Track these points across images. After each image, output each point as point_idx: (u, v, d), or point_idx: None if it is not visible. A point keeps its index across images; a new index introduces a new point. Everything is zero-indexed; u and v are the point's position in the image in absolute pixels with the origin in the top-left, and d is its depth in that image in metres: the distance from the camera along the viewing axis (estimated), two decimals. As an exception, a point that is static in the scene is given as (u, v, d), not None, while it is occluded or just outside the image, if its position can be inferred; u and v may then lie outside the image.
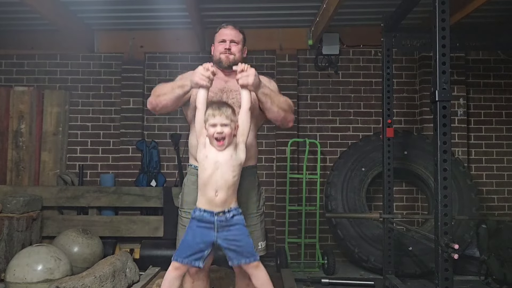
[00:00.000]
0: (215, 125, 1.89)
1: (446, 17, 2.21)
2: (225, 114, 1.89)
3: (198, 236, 1.89)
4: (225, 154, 1.91)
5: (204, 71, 1.96)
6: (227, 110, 1.91)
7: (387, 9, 3.63)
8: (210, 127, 1.90)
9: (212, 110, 1.91)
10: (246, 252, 1.89)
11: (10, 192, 3.93)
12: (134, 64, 4.46)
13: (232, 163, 1.91)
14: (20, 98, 4.35)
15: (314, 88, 4.50)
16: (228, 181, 1.90)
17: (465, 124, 4.32)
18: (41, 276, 2.93)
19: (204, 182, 1.91)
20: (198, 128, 1.98)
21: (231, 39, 2.19)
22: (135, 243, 3.99)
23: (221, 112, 1.89)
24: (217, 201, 1.88)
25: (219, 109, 1.90)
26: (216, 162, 1.90)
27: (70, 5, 3.86)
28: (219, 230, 1.88)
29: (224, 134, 1.89)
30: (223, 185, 1.89)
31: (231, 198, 1.93)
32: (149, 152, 4.34)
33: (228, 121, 1.89)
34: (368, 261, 3.82)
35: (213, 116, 1.89)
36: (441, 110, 2.21)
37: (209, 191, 1.89)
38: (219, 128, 1.88)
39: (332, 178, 4.05)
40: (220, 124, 1.89)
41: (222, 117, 1.89)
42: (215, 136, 1.89)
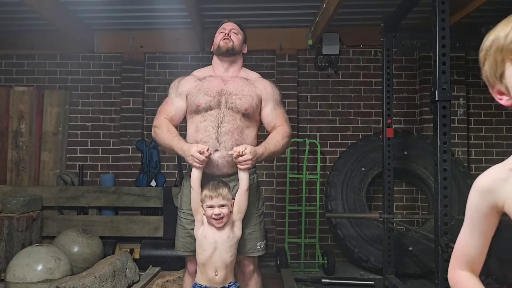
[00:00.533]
0: (213, 207, 1.92)
1: (446, 17, 2.22)
2: (221, 195, 1.93)
3: None
4: (223, 234, 1.96)
5: (199, 155, 1.93)
6: (224, 190, 1.95)
7: (387, 9, 3.63)
8: (207, 208, 1.94)
9: (209, 191, 1.94)
10: None
11: (10, 192, 3.93)
12: (134, 64, 4.46)
13: (229, 243, 1.97)
14: (20, 98, 4.35)
15: (314, 88, 4.50)
16: (226, 261, 1.96)
17: (465, 124, 4.32)
18: (41, 276, 2.93)
19: (203, 263, 1.98)
20: (194, 206, 2.00)
21: (231, 28, 2.23)
22: (135, 243, 3.99)
23: (217, 193, 1.93)
24: (217, 280, 1.96)
25: (216, 190, 1.94)
26: (214, 243, 1.95)
27: (70, 5, 3.85)
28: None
29: (222, 215, 1.93)
30: (222, 265, 1.96)
31: (230, 275, 2.00)
32: (149, 152, 4.34)
33: (225, 201, 1.94)
34: (368, 261, 3.82)
35: (210, 199, 1.93)
36: (441, 110, 2.21)
37: (209, 271, 1.96)
38: (217, 210, 1.92)
39: (332, 178, 4.05)
40: (217, 206, 1.92)
41: (219, 199, 1.92)
42: (214, 217, 1.93)
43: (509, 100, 0.82)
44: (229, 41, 2.18)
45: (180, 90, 2.19)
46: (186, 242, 2.12)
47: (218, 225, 1.94)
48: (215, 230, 1.96)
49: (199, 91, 2.12)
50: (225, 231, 1.97)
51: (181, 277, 2.74)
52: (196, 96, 2.11)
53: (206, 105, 2.08)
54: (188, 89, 2.16)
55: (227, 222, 1.96)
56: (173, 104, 2.20)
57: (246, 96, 2.11)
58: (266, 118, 2.19)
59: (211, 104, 2.08)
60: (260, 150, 2.01)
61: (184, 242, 2.13)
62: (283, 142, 2.11)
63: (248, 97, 2.11)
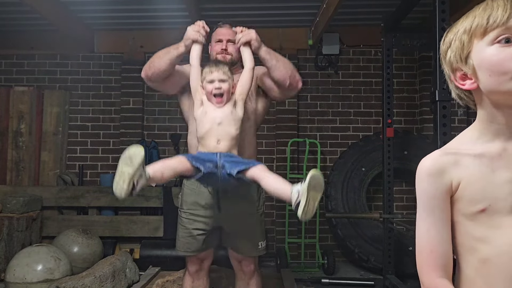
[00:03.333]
0: (213, 81, 1.87)
1: (446, 17, 2.21)
2: (222, 70, 1.88)
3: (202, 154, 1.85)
4: (225, 110, 1.89)
5: (197, 26, 1.98)
6: (224, 67, 1.91)
7: (387, 9, 3.63)
8: (208, 84, 1.88)
9: (209, 67, 1.90)
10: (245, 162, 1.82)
11: (10, 192, 3.93)
12: (134, 64, 4.45)
13: (232, 117, 1.89)
14: (20, 98, 4.35)
15: (314, 88, 4.50)
16: (231, 133, 1.87)
17: (465, 124, 4.32)
18: (41, 276, 2.93)
19: (202, 135, 1.88)
20: (194, 85, 1.96)
21: (228, 39, 2.16)
22: (135, 243, 3.98)
23: (218, 68, 1.89)
24: (220, 148, 1.85)
25: (216, 65, 1.90)
26: (216, 117, 1.87)
27: (70, 5, 3.85)
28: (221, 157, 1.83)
29: (222, 90, 1.87)
30: (225, 136, 1.86)
31: (234, 149, 1.88)
32: (149, 152, 4.33)
33: (226, 77, 1.88)
34: (368, 261, 3.81)
35: (211, 73, 1.88)
36: (441, 110, 2.21)
37: (210, 141, 1.86)
38: (217, 83, 1.86)
39: (332, 178, 4.04)
40: (218, 80, 1.87)
41: (219, 73, 1.87)
42: (214, 93, 1.87)
43: (473, 83, 0.85)
44: (227, 55, 2.14)
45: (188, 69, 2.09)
46: (187, 242, 2.11)
47: (218, 104, 1.88)
48: (216, 108, 1.89)
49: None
50: (227, 108, 1.89)
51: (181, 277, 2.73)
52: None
53: None
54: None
55: (227, 101, 1.90)
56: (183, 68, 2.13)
57: None
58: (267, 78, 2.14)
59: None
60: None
61: (184, 242, 2.12)
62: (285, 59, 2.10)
63: None
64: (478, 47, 0.82)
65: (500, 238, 0.82)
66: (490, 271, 0.83)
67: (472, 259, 0.85)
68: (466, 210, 0.85)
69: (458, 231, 0.87)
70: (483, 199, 0.83)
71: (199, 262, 2.18)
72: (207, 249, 2.15)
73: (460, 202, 0.86)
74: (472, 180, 0.84)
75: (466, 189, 0.85)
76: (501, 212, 0.82)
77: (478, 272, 0.84)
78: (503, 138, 0.85)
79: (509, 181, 0.83)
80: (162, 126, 4.49)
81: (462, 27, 0.85)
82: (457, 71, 0.88)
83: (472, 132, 0.89)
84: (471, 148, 0.86)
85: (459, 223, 0.87)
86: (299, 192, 1.59)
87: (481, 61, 0.82)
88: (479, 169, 0.84)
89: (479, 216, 0.83)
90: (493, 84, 0.81)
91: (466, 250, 0.87)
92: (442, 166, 0.86)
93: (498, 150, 0.85)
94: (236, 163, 1.79)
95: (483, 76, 0.82)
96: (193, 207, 2.09)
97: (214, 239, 2.14)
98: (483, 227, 0.83)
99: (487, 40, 0.81)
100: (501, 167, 0.84)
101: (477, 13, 0.83)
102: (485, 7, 0.82)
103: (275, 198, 4.32)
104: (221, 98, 1.88)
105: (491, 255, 0.82)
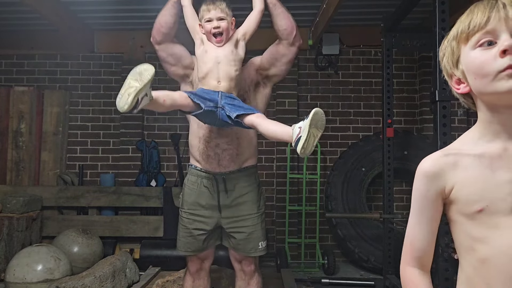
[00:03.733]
0: (211, 20, 1.85)
1: (446, 17, 2.21)
2: (220, 7, 1.85)
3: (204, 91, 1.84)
4: (225, 49, 1.87)
5: None
6: (222, 3, 1.87)
7: (387, 9, 3.63)
8: (206, 23, 1.86)
9: (206, 5, 1.87)
10: (245, 107, 1.82)
11: (10, 192, 3.93)
12: (134, 64, 4.35)
13: (233, 57, 1.88)
14: (20, 98, 4.35)
15: (314, 88, 4.50)
16: (230, 74, 1.87)
17: (465, 124, 4.31)
18: (41, 276, 2.93)
19: (203, 75, 1.87)
20: (190, 25, 1.92)
21: (218, 17, 2.00)
22: (135, 243, 3.98)
23: (215, 6, 1.86)
24: (221, 87, 1.85)
25: (214, 3, 1.86)
26: (216, 57, 1.86)
27: (70, 5, 3.85)
28: (223, 97, 1.83)
29: (221, 28, 1.85)
30: (225, 76, 1.86)
31: (234, 89, 1.88)
32: (149, 152, 4.33)
33: (224, 14, 1.86)
34: (368, 261, 3.82)
35: (208, 11, 1.85)
36: (441, 110, 2.20)
37: (211, 81, 1.85)
38: (216, 22, 1.84)
39: (332, 178, 4.05)
40: (216, 19, 1.85)
41: (217, 11, 1.85)
42: (213, 32, 1.85)
43: (466, 87, 0.88)
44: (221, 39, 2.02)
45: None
46: (188, 242, 2.11)
47: (218, 43, 1.86)
48: (216, 47, 1.87)
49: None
50: (227, 47, 1.87)
51: (181, 277, 2.73)
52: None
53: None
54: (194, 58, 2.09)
55: (228, 40, 1.87)
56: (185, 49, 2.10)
57: None
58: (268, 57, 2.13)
59: None
60: None
61: (185, 242, 2.12)
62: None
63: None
64: (464, 52, 0.86)
65: (500, 238, 0.82)
66: (489, 271, 0.83)
67: (471, 259, 0.86)
68: (465, 210, 0.86)
69: (457, 231, 0.89)
70: (481, 199, 0.83)
71: (200, 262, 2.18)
72: (207, 249, 2.16)
73: (458, 203, 0.87)
74: (470, 181, 0.85)
75: (462, 190, 0.86)
76: (500, 212, 0.82)
77: (477, 272, 0.85)
78: (504, 138, 0.85)
79: (509, 181, 0.83)
80: (162, 126, 4.49)
81: (452, 33, 0.90)
82: (452, 76, 0.91)
83: (474, 132, 0.90)
84: (472, 149, 0.87)
85: (458, 222, 0.88)
86: (300, 128, 1.60)
87: (467, 65, 0.85)
88: (478, 170, 0.85)
89: (477, 216, 0.84)
90: (479, 87, 0.84)
91: (465, 249, 0.88)
92: (439, 169, 0.89)
93: (499, 151, 0.85)
94: (237, 108, 1.78)
95: (470, 80, 0.86)
96: (194, 207, 2.09)
97: (214, 239, 2.15)
98: (482, 227, 0.84)
99: (470, 44, 0.84)
100: (501, 168, 0.84)
101: (462, 19, 0.87)
102: (468, 13, 0.86)
103: (275, 197, 4.34)
104: (221, 37, 1.85)
105: (490, 255, 0.82)
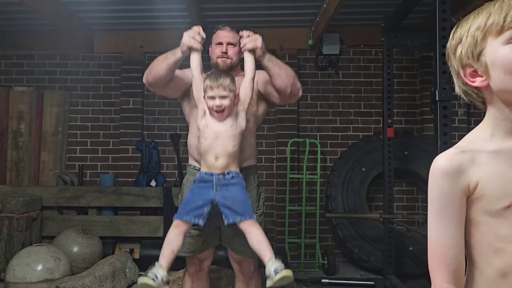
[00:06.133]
0: (214, 97, 1.87)
1: (447, 16, 2.21)
2: (223, 85, 1.86)
3: (197, 194, 1.90)
4: (225, 124, 1.91)
5: (192, 32, 1.94)
6: (226, 80, 1.88)
7: (388, 8, 3.63)
8: (209, 99, 1.88)
9: (210, 81, 1.88)
10: (241, 210, 1.87)
11: (10, 192, 3.92)
12: (134, 64, 4.46)
13: (232, 132, 1.91)
14: (20, 98, 4.34)
15: (314, 88, 4.49)
16: (228, 150, 1.90)
17: (465, 124, 4.31)
18: (41, 276, 2.93)
19: (204, 151, 1.92)
20: (197, 95, 1.96)
21: (228, 42, 2.16)
22: (135, 243, 3.98)
23: (219, 83, 1.86)
24: (218, 165, 1.89)
25: (217, 80, 1.87)
26: (216, 132, 1.90)
27: (70, 5, 3.85)
28: (217, 189, 1.88)
29: (223, 106, 1.87)
30: (223, 153, 1.89)
31: (232, 164, 1.92)
32: (148, 152, 4.33)
33: (226, 92, 1.87)
34: (368, 261, 3.81)
35: (211, 89, 1.87)
36: (441, 110, 2.20)
37: (209, 157, 1.90)
38: (218, 101, 1.86)
39: (332, 178, 4.04)
40: (218, 97, 1.86)
41: (220, 89, 1.86)
42: (215, 109, 1.87)
43: (484, 81, 0.83)
44: (227, 59, 2.14)
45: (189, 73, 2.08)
46: (187, 243, 2.10)
47: (219, 118, 1.89)
48: (217, 121, 1.91)
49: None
50: (228, 121, 1.91)
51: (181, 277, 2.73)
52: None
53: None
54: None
55: (229, 114, 1.91)
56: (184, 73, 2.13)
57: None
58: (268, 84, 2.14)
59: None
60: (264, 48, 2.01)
61: (184, 243, 2.11)
62: (287, 67, 2.10)
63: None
64: (492, 45, 0.81)
65: None
66: None
67: (498, 259, 0.80)
68: (490, 208, 0.81)
69: (481, 232, 0.83)
70: (506, 195, 0.80)
71: (199, 262, 2.18)
72: (206, 250, 2.15)
73: (482, 201, 0.82)
74: (492, 177, 0.81)
75: (486, 187, 0.81)
76: None
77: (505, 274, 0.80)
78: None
79: None
80: (162, 126, 4.49)
81: (475, 23, 0.83)
82: (467, 67, 0.86)
83: (484, 130, 0.86)
84: (486, 146, 0.84)
85: (482, 223, 0.82)
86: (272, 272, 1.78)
87: (495, 59, 0.80)
88: (497, 166, 0.81)
89: (504, 213, 0.80)
90: (506, 83, 0.79)
91: (490, 251, 0.82)
92: (458, 165, 0.82)
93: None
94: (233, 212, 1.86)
95: (496, 75, 0.81)
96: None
97: (213, 239, 2.14)
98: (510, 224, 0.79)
99: (503, 39, 0.79)
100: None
101: (492, 10, 0.81)
102: (501, 4, 0.80)
103: (275, 197, 4.33)
104: (222, 114, 1.89)
105: None
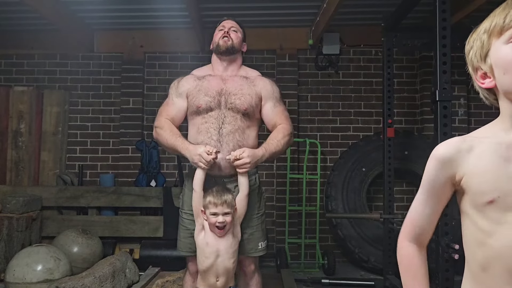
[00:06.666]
0: (217, 214, 1.88)
1: (447, 16, 2.21)
2: (226, 202, 1.89)
3: None
4: (225, 241, 1.94)
5: (206, 156, 1.92)
6: (228, 196, 1.91)
7: (388, 8, 3.62)
8: (211, 215, 1.90)
9: (214, 198, 1.89)
10: None
11: (10, 192, 3.92)
12: (134, 64, 4.46)
13: (232, 249, 1.95)
14: (20, 98, 4.34)
15: (314, 88, 4.49)
16: (229, 268, 1.95)
17: (465, 124, 4.31)
18: (41, 276, 2.93)
19: (205, 270, 1.96)
20: (196, 209, 1.97)
21: (231, 26, 2.22)
22: (135, 243, 3.98)
23: (222, 201, 1.88)
24: (218, 285, 1.96)
25: (220, 198, 1.89)
26: (217, 251, 1.93)
27: (70, 5, 3.85)
28: None
29: (226, 223, 1.90)
30: (224, 272, 1.95)
31: (231, 280, 1.99)
32: (148, 152, 4.33)
33: (229, 209, 1.90)
34: (368, 262, 3.81)
35: (215, 206, 1.88)
36: (441, 110, 2.20)
37: (210, 277, 1.95)
38: (221, 218, 1.88)
39: (332, 178, 4.04)
40: (222, 214, 1.88)
41: (224, 207, 1.88)
42: (217, 225, 1.89)
43: (491, 82, 0.86)
44: (228, 40, 2.17)
45: (180, 90, 2.18)
46: (188, 243, 2.11)
47: (220, 234, 1.92)
48: (217, 237, 1.93)
49: (199, 92, 2.11)
50: (227, 238, 1.94)
51: (181, 277, 2.73)
52: (196, 96, 2.10)
53: (206, 106, 2.07)
54: (188, 89, 2.16)
55: (229, 230, 1.94)
56: (174, 105, 2.18)
57: (245, 95, 2.10)
58: (267, 116, 2.18)
59: (212, 105, 2.07)
60: (260, 152, 2.00)
61: (186, 243, 2.12)
62: (284, 141, 2.10)
63: (247, 96, 2.10)
64: (495, 46, 0.83)
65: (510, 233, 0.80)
66: (497, 266, 0.81)
67: (479, 254, 0.84)
68: (475, 201, 0.84)
69: (467, 224, 0.88)
70: (493, 190, 0.82)
71: (199, 262, 2.18)
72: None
73: (469, 192, 0.86)
74: (482, 170, 0.84)
75: (473, 180, 0.84)
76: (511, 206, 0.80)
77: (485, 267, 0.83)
78: None
79: None
80: (162, 126, 4.48)
81: (483, 26, 0.87)
82: (477, 70, 0.89)
83: (494, 125, 0.90)
84: (490, 137, 0.87)
85: (469, 215, 0.87)
86: None
87: (497, 59, 0.83)
88: (492, 158, 0.83)
89: (488, 208, 0.82)
90: (507, 83, 0.82)
91: (474, 243, 0.86)
92: (452, 154, 0.87)
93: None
94: None
95: (498, 75, 0.83)
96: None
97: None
98: (492, 220, 0.82)
99: (504, 39, 0.82)
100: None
101: (497, 12, 0.84)
102: (505, 6, 0.83)
103: (275, 197, 4.33)
104: (223, 230, 1.91)
105: (498, 250, 0.81)
